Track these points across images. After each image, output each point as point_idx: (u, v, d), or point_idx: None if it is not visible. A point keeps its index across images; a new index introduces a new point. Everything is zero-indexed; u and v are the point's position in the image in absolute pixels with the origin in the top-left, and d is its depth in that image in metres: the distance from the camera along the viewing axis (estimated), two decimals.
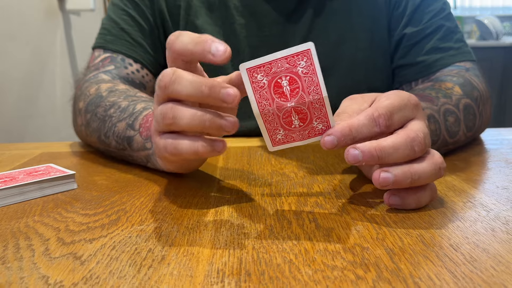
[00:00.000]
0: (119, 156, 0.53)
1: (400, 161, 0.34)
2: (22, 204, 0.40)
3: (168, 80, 0.34)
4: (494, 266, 0.27)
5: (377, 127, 0.35)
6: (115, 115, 0.52)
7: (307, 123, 0.35)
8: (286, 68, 0.33)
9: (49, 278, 0.27)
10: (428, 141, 0.36)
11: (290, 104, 0.34)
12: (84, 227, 0.35)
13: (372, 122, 0.35)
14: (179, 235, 0.33)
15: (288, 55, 0.32)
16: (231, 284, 0.26)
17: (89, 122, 0.56)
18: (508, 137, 0.65)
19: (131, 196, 0.42)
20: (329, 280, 0.26)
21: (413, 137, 0.34)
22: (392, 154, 0.34)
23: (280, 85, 0.33)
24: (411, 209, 0.37)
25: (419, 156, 0.35)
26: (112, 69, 0.65)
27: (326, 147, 0.35)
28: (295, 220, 0.35)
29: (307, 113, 0.34)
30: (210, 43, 0.33)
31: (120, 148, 0.51)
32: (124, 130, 0.50)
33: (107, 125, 0.53)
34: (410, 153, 0.34)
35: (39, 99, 1.54)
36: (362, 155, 0.34)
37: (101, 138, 0.54)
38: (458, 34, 0.68)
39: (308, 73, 0.33)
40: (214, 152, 0.34)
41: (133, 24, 0.69)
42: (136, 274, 0.27)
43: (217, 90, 0.32)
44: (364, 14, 0.70)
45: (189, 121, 0.34)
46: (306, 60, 0.32)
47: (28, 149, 0.65)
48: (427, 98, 0.53)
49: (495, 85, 2.95)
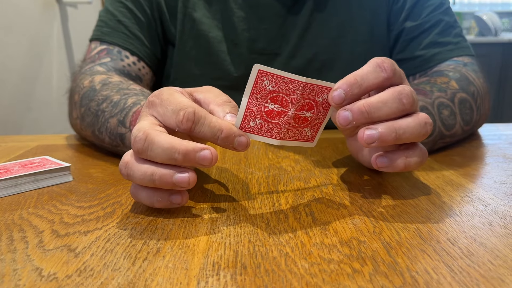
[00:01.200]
0: (114, 152, 0.53)
1: (390, 117, 0.34)
2: (16, 196, 0.40)
3: (141, 147, 0.32)
4: (492, 260, 0.27)
5: (384, 72, 0.34)
6: (107, 110, 0.52)
7: (315, 106, 0.35)
8: (261, 98, 0.33)
9: (42, 270, 0.26)
10: (416, 97, 0.35)
11: (291, 112, 0.34)
12: (79, 220, 0.34)
13: (377, 67, 0.34)
14: (175, 228, 0.32)
15: (251, 91, 0.32)
16: (227, 276, 0.25)
17: (83, 116, 0.56)
18: (506, 133, 0.65)
19: (126, 189, 0.42)
20: (326, 273, 0.26)
21: (399, 90, 0.34)
22: (381, 108, 0.33)
23: (271, 110, 0.33)
24: (400, 171, 0.36)
25: (409, 109, 0.34)
26: (108, 62, 0.65)
27: (335, 103, 0.34)
28: (291, 213, 0.35)
29: (309, 102, 0.35)
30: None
31: (114, 144, 0.51)
32: (116, 127, 0.50)
33: (100, 120, 0.52)
34: (399, 106, 0.34)
35: (36, 92, 1.53)
36: (351, 114, 0.33)
37: (95, 133, 0.54)
38: (457, 29, 0.68)
39: (277, 83, 0.33)
40: (172, 204, 0.34)
41: (130, 17, 0.68)
42: (130, 266, 0.27)
43: (192, 155, 0.31)
44: (364, 8, 0.70)
45: (140, 180, 0.33)
46: (266, 77, 0.32)
47: (23, 141, 0.64)
48: (421, 92, 0.53)
49: (493, 81, 2.95)
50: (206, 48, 0.69)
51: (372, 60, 0.35)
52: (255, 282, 0.25)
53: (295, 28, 0.69)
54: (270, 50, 0.70)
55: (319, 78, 0.42)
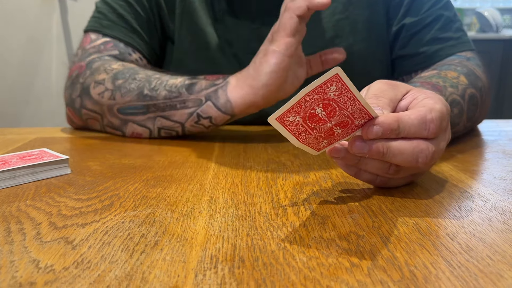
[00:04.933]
0: (160, 108, 0.57)
1: (402, 165, 0.34)
2: (14, 188, 0.40)
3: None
4: (490, 255, 0.27)
5: (426, 131, 0.34)
6: (164, 78, 0.57)
7: (349, 125, 0.33)
8: (316, 99, 0.30)
9: (39, 262, 0.26)
10: (438, 157, 0.35)
11: (330, 124, 0.32)
12: (76, 212, 0.34)
13: (423, 125, 0.34)
14: (173, 221, 0.32)
15: (316, 87, 0.30)
16: (225, 269, 0.25)
17: (121, 86, 0.59)
18: (506, 129, 0.65)
19: (125, 181, 0.41)
20: (324, 267, 0.25)
21: (421, 148, 0.33)
22: (396, 156, 0.33)
23: (315, 114, 0.31)
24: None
25: (420, 167, 0.36)
26: (117, 54, 0.66)
27: (368, 137, 0.33)
28: (290, 207, 0.35)
29: (348, 121, 0.33)
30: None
31: (173, 96, 0.56)
32: (182, 81, 0.56)
33: (154, 82, 0.57)
34: (412, 161, 0.34)
35: (35, 85, 1.53)
36: (368, 150, 0.33)
37: (144, 93, 0.57)
38: (457, 23, 0.67)
39: (341, 94, 0.30)
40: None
41: (130, 11, 0.68)
42: (128, 259, 0.27)
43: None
44: (362, 5, 0.69)
45: None
46: (336, 84, 0.30)
47: (22, 134, 0.64)
48: (436, 88, 0.52)
49: (493, 78, 2.94)
50: (203, 43, 0.69)
51: (422, 112, 0.34)
52: (253, 275, 0.25)
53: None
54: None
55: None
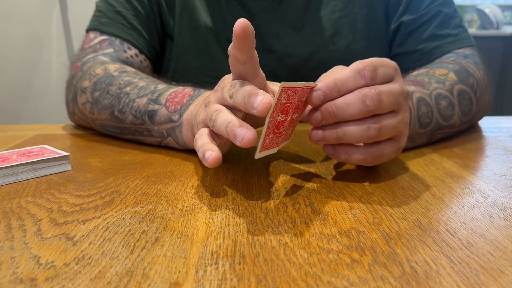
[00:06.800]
0: (131, 132, 0.54)
1: (355, 117, 0.36)
2: (15, 185, 0.40)
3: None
4: (491, 251, 0.27)
5: (362, 79, 0.36)
6: (132, 92, 0.53)
7: (300, 107, 0.36)
8: (276, 113, 0.33)
9: (40, 258, 0.26)
10: (389, 98, 0.36)
11: (289, 118, 0.35)
12: (77, 208, 0.34)
13: (357, 74, 0.36)
14: (174, 217, 0.32)
15: (274, 106, 0.31)
16: (225, 265, 0.25)
17: (98, 100, 0.56)
18: (507, 125, 0.64)
19: (125, 178, 0.41)
20: (325, 263, 0.25)
21: (364, 92, 0.36)
22: (346, 109, 0.36)
23: (279, 121, 0.34)
24: (341, 161, 0.41)
25: (374, 111, 0.36)
26: (111, 52, 0.65)
27: (313, 103, 0.36)
28: (291, 204, 0.35)
29: (299, 104, 0.35)
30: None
31: (138, 123, 0.52)
32: (145, 105, 0.51)
33: (123, 101, 0.53)
34: (362, 107, 0.36)
35: (35, 81, 1.52)
36: (321, 114, 0.36)
37: (115, 114, 0.54)
38: (456, 19, 0.67)
39: (289, 95, 0.33)
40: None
41: (129, 8, 0.68)
42: (129, 255, 0.27)
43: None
44: (361, 3, 0.69)
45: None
46: (285, 93, 0.32)
47: (22, 130, 0.64)
48: (419, 83, 0.52)
49: (494, 75, 2.94)
50: (203, 40, 0.69)
51: (353, 65, 0.37)
52: (254, 271, 0.25)
53: (286, 25, 0.68)
54: (261, 46, 0.69)
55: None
